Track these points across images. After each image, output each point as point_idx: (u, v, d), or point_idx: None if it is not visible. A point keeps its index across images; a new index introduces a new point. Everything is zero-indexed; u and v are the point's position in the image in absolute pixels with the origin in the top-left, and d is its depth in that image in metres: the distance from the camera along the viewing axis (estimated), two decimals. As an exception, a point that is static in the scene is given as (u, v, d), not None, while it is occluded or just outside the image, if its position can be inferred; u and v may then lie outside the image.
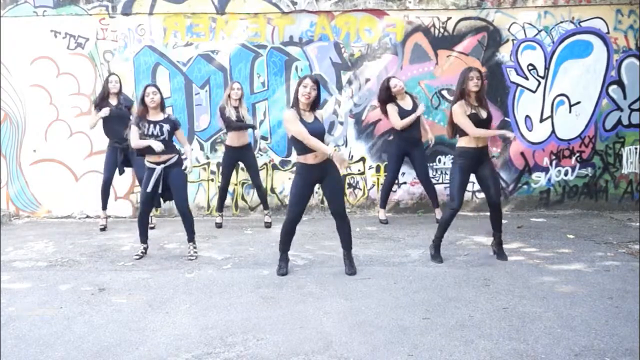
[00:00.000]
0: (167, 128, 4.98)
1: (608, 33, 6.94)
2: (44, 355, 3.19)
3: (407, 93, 6.38)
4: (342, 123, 7.05)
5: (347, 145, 7.06)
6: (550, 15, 6.92)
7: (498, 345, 3.20)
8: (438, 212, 6.49)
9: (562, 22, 6.92)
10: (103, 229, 6.41)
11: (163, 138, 4.95)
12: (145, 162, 5.05)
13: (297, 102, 4.35)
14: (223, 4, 6.84)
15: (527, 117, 7.02)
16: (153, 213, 6.55)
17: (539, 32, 6.93)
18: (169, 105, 6.79)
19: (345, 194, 7.04)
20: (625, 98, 7.05)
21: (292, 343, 3.29)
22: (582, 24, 6.93)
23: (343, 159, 4.21)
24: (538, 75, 6.99)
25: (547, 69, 6.98)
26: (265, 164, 7.06)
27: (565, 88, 7.01)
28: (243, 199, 7.17)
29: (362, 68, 6.98)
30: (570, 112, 7.05)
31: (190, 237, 5.18)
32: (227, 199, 6.65)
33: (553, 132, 7.06)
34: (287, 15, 6.88)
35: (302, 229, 5.32)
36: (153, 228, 6.41)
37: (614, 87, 7.03)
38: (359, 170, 7.10)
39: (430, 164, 6.92)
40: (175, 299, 4.06)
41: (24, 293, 4.24)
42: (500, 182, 6.86)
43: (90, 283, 4.46)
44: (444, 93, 6.98)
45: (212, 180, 7.09)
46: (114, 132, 6.12)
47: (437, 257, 4.91)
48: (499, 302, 3.89)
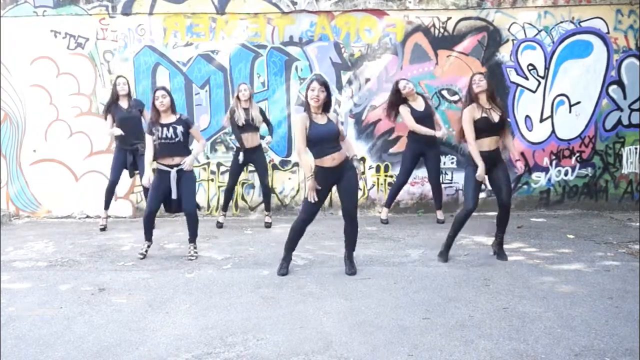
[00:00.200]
0: (180, 129, 4.96)
1: (608, 33, 6.94)
2: (44, 355, 3.19)
3: (418, 94, 6.38)
4: (342, 123, 7.03)
5: (347, 145, 7.06)
6: (550, 15, 6.92)
7: (498, 345, 3.20)
8: (440, 213, 6.49)
9: (562, 22, 6.92)
10: (103, 229, 6.41)
11: (178, 140, 4.94)
12: (157, 165, 5.03)
13: (308, 105, 4.38)
14: (223, 4, 6.84)
15: (527, 117, 7.03)
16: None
17: (539, 32, 6.93)
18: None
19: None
20: (625, 98, 7.05)
21: (292, 343, 3.29)
22: (582, 24, 6.93)
23: (313, 187, 4.31)
24: (538, 75, 6.99)
25: (547, 69, 6.99)
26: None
27: (565, 88, 7.01)
28: (243, 199, 7.16)
29: (362, 68, 6.98)
30: (570, 112, 7.05)
31: (192, 238, 5.18)
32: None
33: (553, 132, 7.07)
34: (287, 15, 6.88)
35: (302, 229, 5.31)
36: (153, 228, 6.40)
37: (614, 87, 7.03)
38: (359, 171, 7.07)
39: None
40: (175, 299, 4.06)
41: (24, 293, 4.24)
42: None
43: (90, 283, 4.46)
44: (444, 93, 6.98)
45: (212, 180, 7.09)
46: (124, 135, 6.14)
47: (444, 255, 4.92)
48: (499, 302, 3.89)
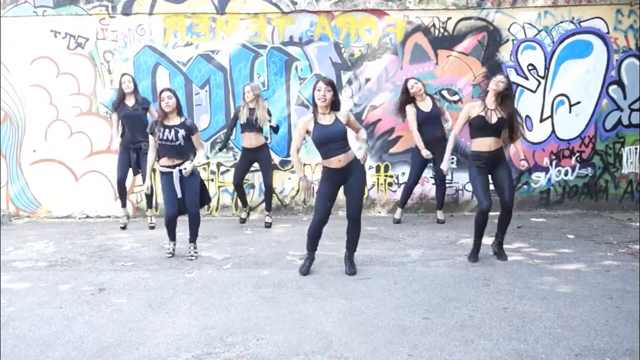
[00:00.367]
0: (182, 133, 4.95)
1: (608, 33, 6.93)
2: (44, 355, 3.19)
3: (427, 94, 6.38)
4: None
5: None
6: (550, 15, 6.91)
7: (498, 345, 3.20)
8: (440, 213, 6.51)
9: (562, 22, 6.92)
10: (124, 228, 6.42)
11: (178, 143, 4.94)
12: (159, 167, 5.07)
13: (315, 106, 4.40)
14: (223, 4, 6.84)
15: (527, 117, 7.02)
16: (152, 213, 6.56)
17: (539, 32, 6.93)
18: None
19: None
20: (625, 98, 7.05)
21: (292, 343, 3.29)
22: (582, 24, 6.93)
23: (307, 187, 4.52)
24: (538, 75, 6.99)
25: (547, 69, 6.98)
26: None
27: (565, 88, 7.01)
28: (243, 199, 7.16)
29: (362, 68, 6.98)
30: (570, 112, 7.04)
31: (193, 238, 5.18)
32: (227, 199, 6.64)
33: (553, 132, 7.06)
34: (287, 15, 6.88)
35: (302, 229, 5.31)
36: (153, 228, 6.41)
37: (614, 87, 7.02)
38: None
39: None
40: (175, 299, 4.06)
41: (24, 293, 4.24)
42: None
43: (90, 283, 4.46)
44: (444, 93, 6.98)
45: (212, 180, 7.09)
46: (129, 133, 6.18)
47: (473, 256, 4.91)
48: (499, 302, 3.89)
